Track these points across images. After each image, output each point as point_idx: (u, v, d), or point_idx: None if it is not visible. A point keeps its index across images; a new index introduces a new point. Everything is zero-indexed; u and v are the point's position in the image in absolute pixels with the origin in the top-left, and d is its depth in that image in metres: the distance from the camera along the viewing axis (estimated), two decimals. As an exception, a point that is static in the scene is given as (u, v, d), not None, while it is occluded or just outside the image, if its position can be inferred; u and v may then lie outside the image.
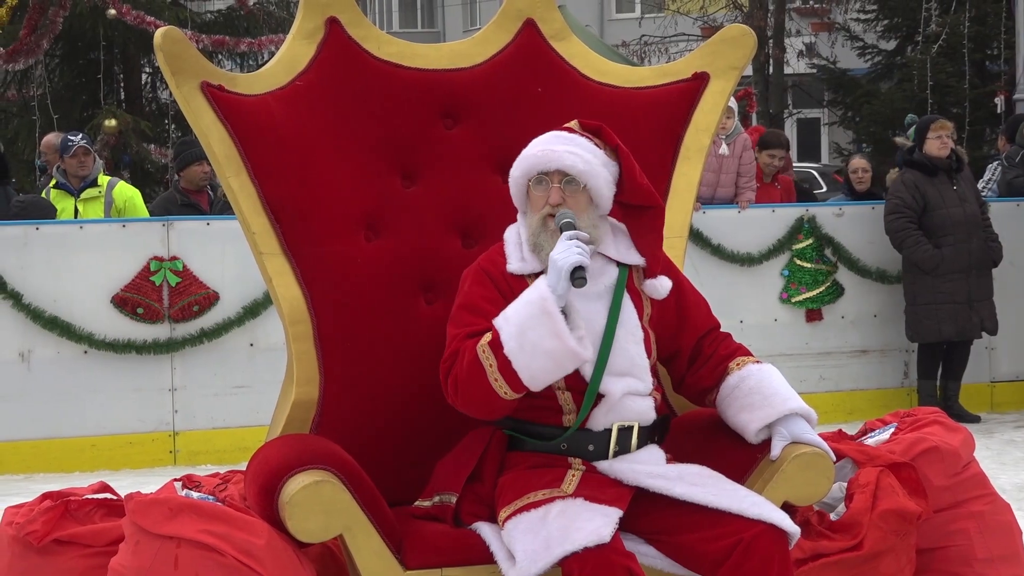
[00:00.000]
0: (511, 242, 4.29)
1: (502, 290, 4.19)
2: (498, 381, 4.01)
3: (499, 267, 4.24)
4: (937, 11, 16.41)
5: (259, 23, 16.98)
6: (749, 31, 4.93)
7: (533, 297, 4.03)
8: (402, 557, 4.08)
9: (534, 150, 4.23)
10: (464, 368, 4.04)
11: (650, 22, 27.43)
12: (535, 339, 3.97)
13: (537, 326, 3.98)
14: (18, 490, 8.46)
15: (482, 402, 4.08)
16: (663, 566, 4.10)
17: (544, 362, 3.99)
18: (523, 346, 3.98)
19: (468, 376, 4.04)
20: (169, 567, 3.95)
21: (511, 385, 4.01)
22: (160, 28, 4.52)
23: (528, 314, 4.00)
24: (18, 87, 16.82)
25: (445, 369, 4.12)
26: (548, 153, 4.20)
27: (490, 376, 4.01)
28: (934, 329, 10.55)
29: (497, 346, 4.00)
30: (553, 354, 3.99)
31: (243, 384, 9.64)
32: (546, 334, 3.98)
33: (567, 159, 4.19)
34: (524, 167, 4.23)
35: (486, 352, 4.01)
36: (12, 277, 9.30)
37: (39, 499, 4.52)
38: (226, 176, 4.43)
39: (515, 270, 4.23)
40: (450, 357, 4.11)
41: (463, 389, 4.07)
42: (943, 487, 4.81)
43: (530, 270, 4.21)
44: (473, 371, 4.03)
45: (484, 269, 4.24)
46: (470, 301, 4.18)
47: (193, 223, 9.74)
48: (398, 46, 4.73)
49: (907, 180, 10.63)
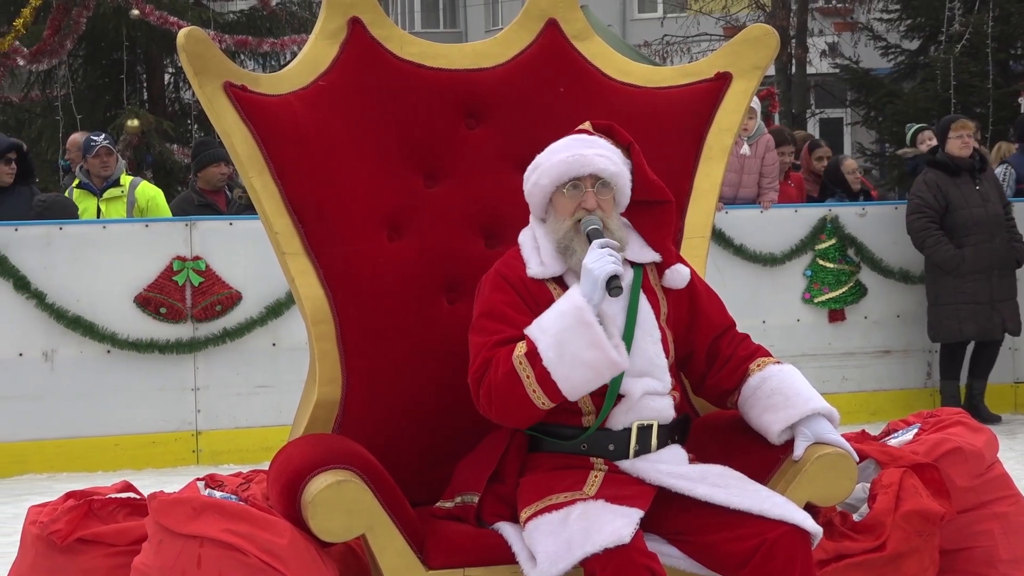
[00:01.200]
0: (527, 246, 4.27)
1: (523, 295, 4.18)
2: (536, 392, 4.00)
3: (517, 272, 4.22)
4: (960, 10, 16.36)
5: (281, 23, 16.99)
6: (772, 31, 4.92)
7: (568, 307, 4.02)
8: (424, 557, 4.09)
9: (563, 155, 4.21)
10: (499, 379, 4.02)
11: (672, 22, 27.37)
12: (574, 350, 3.97)
13: (575, 337, 3.98)
14: (42, 489, 8.49)
15: (518, 412, 4.07)
16: (686, 566, 4.10)
17: (583, 372, 3.99)
18: (562, 357, 3.97)
19: (504, 387, 4.02)
20: (192, 566, 3.95)
21: (549, 395, 4.00)
22: (183, 28, 4.53)
23: (566, 325, 3.99)
24: (42, 87, 16.87)
25: (476, 379, 4.09)
26: (580, 158, 4.19)
27: (528, 387, 3.99)
28: (955, 329, 10.51)
29: (534, 357, 3.99)
30: (593, 364, 3.99)
31: (266, 384, 9.66)
32: (585, 345, 3.98)
33: (600, 162, 4.20)
34: (555, 174, 4.20)
35: (523, 363, 4.00)
36: (36, 277, 9.32)
37: (63, 498, 4.53)
38: (249, 176, 4.44)
39: (535, 274, 4.21)
40: (481, 367, 4.08)
41: (498, 400, 4.05)
42: (967, 488, 4.79)
43: (551, 274, 4.21)
44: (510, 382, 4.01)
45: (502, 275, 4.22)
46: (493, 308, 4.16)
47: (216, 223, 9.75)
48: (420, 46, 4.73)
49: (929, 180, 10.59)
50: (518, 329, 4.08)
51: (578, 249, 4.15)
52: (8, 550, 5.84)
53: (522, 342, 4.03)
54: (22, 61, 15.70)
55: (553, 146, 4.27)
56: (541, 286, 4.20)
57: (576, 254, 4.16)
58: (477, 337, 4.14)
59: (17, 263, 9.30)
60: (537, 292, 4.18)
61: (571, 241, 4.18)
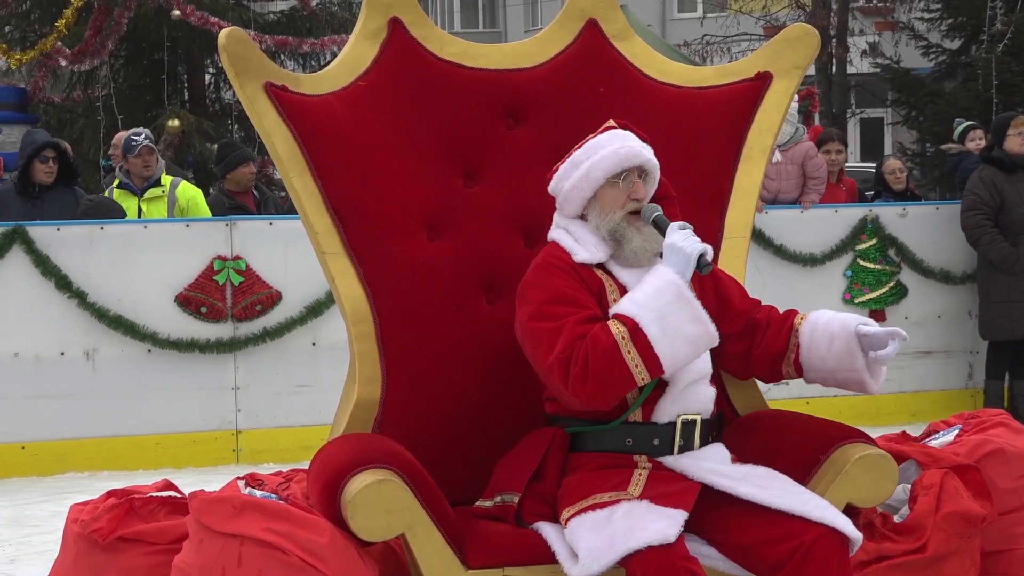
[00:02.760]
0: (564, 240, 4.31)
1: (579, 279, 4.21)
2: (639, 367, 4.02)
3: (565, 260, 4.25)
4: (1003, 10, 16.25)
5: (321, 24, 17.00)
6: (812, 30, 4.91)
7: (664, 283, 4.07)
8: (464, 557, 4.09)
9: (614, 147, 4.25)
10: (599, 356, 4.01)
11: (712, 22, 27.30)
12: (676, 325, 4.03)
13: (676, 312, 4.04)
14: (83, 487, 8.54)
15: (614, 389, 4.08)
16: (724, 567, 4.09)
17: (684, 347, 4.05)
18: (664, 331, 4.02)
19: (604, 363, 4.01)
20: (233, 565, 3.96)
21: (651, 371, 4.04)
22: (224, 29, 4.54)
23: (666, 300, 4.04)
24: (84, 88, 16.92)
25: (563, 360, 4.05)
26: (630, 150, 4.25)
27: (630, 363, 4.01)
28: (1007, 327, 10.41)
29: (637, 332, 4.01)
30: (694, 339, 4.06)
31: (305, 383, 9.68)
32: (686, 320, 4.04)
33: (647, 153, 4.28)
34: (608, 166, 4.24)
35: (625, 339, 4.02)
36: (77, 276, 9.37)
37: (104, 497, 4.55)
38: (289, 176, 4.45)
39: (584, 259, 4.25)
40: (567, 347, 4.06)
41: (595, 377, 4.03)
42: (1008, 489, 4.77)
43: (597, 260, 4.25)
44: (611, 358, 4.01)
45: (551, 264, 4.25)
46: (559, 293, 4.17)
47: (256, 223, 9.78)
48: (460, 46, 4.73)
49: (985, 177, 10.46)
50: (589, 309, 4.13)
51: (633, 237, 4.23)
52: (50, 548, 5.88)
53: (614, 320, 4.05)
54: (64, 62, 15.77)
55: (594, 142, 4.30)
56: (589, 271, 4.25)
57: (632, 242, 4.23)
58: (545, 323, 4.12)
59: (59, 263, 9.34)
60: (587, 277, 4.23)
61: (625, 229, 4.24)
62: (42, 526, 7.86)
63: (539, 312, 4.16)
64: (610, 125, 4.34)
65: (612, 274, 4.26)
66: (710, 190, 4.73)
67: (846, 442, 4.26)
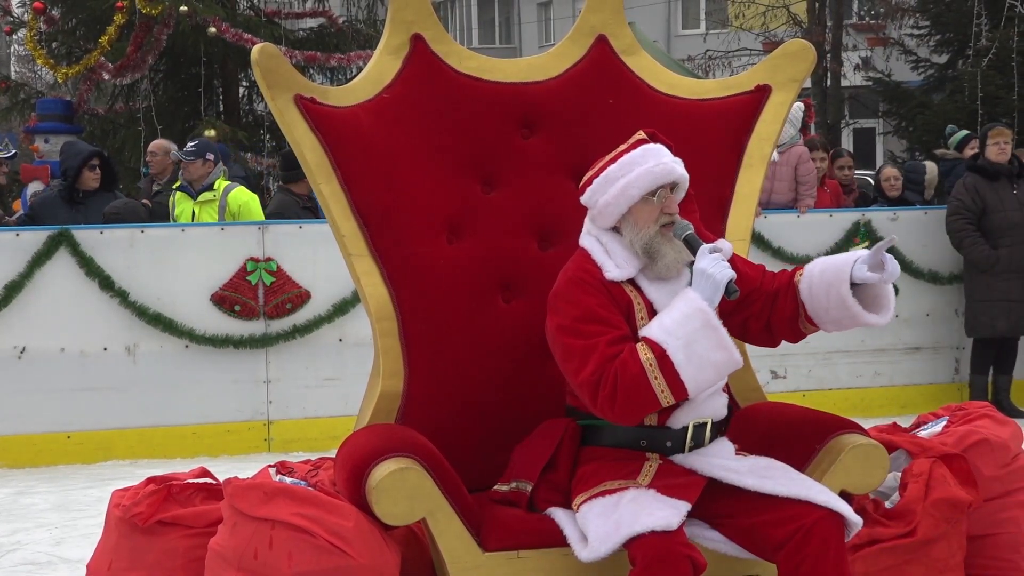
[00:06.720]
0: (597, 251, 4.21)
1: (609, 297, 4.12)
2: (664, 392, 3.96)
3: (596, 276, 4.16)
4: (987, 26, 16.21)
5: (348, 40, 17.01)
6: (809, 46, 4.90)
7: (691, 310, 3.98)
8: (481, 540, 4.09)
9: (650, 165, 4.14)
10: (628, 381, 3.95)
11: (714, 38, 27.28)
12: (702, 352, 3.95)
13: (703, 339, 3.96)
14: (125, 474, 8.55)
15: (641, 410, 4.03)
16: (727, 550, 4.09)
17: (709, 373, 3.98)
18: (690, 358, 3.95)
19: (632, 387, 3.95)
20: (264, 547, 3.97)
21: (675, 395, 3.98)
22: (257, 45, 4.54)
23: (693, 327, 3.96)
24: (125, 100, 16.97)
25: (593, 381, 3.98)
26: (664, 167, 4.15)
27: (656, 388, 3.95)
28: (988, 325, 10.43)
29: (665, 360, 3.94)
30: (719, 365, 3.99)
31: (333, 376, 9.68)
32: (712, 347, 3.96)
33: (680, 170, 4.18)
34: (644, 183, 4.13)
35: (653, 366, 3.95)
36: (119, 276, 9.38)
37: (144, 483, 4.56)
38: (318, 183, 4.45)
39: (614, 277, 4.15)
40: (598, 369, 3.99)
41: (624, 399, 3.97)
42: (993, 477, 4.76)
43: (626, 276, 4.16)
44: (639, 384, 3.95)
45: (583, 280, 4.15)
46: (591, 312, 4.08)
47: (287, 227, 9.78)
48: (478, 61, 4.73)
49: (968, 184, 10.54)
50: (619, 329, 4.05)
51: (667, 252, 4.13)
52: (94, 531, 5.89)
53: (643, 345, 3.98)
54: (107, 76, 15.81)
55: (628, 158, 4.19)
56: (619, 288, 4.15)
57: (665, 257, 4.13)
58: (577, 340, 4.05)
59: (103, 264, 9.36)
60: (617, 294, 4.14)
61: (660, 245, 4.14)
62: (86, 510, 7.87)
63: (572, 328, 4.08)
64: (641, 138, 4.24)
65: (641, 289, 4.16)
66: (713, 196, 4.72)
67: (840, 432, 4.26)
